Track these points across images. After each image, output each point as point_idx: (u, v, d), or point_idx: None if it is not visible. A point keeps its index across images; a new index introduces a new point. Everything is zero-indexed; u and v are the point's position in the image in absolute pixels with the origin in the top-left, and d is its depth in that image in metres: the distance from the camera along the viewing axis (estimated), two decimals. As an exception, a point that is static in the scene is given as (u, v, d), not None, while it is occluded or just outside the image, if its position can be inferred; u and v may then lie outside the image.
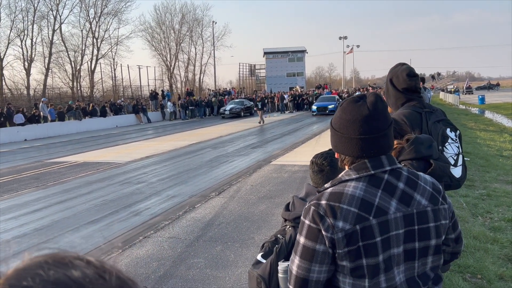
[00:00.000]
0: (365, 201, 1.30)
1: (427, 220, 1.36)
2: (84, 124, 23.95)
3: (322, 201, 1.33)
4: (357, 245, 1.29)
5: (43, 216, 6.41)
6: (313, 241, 1.32)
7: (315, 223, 1.32)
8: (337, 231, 1.29)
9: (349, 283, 1.33)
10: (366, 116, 1.33)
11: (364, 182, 1.33)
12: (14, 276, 0.43)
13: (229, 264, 4.43)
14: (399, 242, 1.32)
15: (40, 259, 0.45)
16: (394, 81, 2.50)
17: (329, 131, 1.49)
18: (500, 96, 46.01)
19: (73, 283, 0.43)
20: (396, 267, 1.33)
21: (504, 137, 13.50)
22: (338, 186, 1.36)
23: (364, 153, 1.34)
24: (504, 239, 4.39)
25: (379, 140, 1.34)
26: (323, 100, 30.04)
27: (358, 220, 1.29)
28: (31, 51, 37.28)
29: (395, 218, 1.32)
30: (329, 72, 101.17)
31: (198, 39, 53.64)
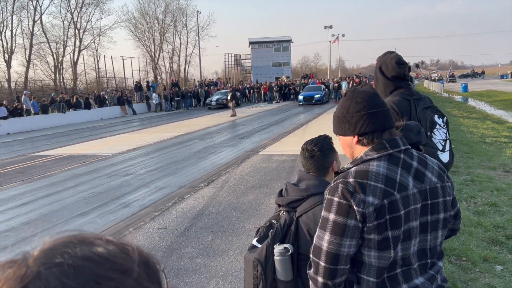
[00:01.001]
0: (389, 178, 1.42)
1: (437, 196, 1.50)
2: (68, 116, 23.59)
3: (350, 179, 1.43)
4: (384, 218, 1.40)
5: (31, 210, 6.35)
6: (344, 217, 1.41)
7: (346, 199, 1.41)
8: (368, 205, 1.39)
9: (374, 256, 1.43)
10: (373, 93, 1.54)
11: (385, 161, 1.46)
12: (43, 256, 0.45)
13: (220, 253, 4.47)
14: (416, 216, 1.45)
15: (64, 239, 0.48)
16: (383, 69, 2.54)
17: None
18: (482, 84, 46.79)
19: (99, 257, 0.45)
20: (413, 239, 1.46)
21: (486, 124, 13.78)
22: (361, 165, 1.47)
23: (382, 125, 1.50)
24: (487, 222, 4.51)
25: (388, 113, 1.53)
26: (309, 90, 30.11)
27: (385, 195, 1.40)
28: (11, 43, 36.44)
29: (413, 194, 1.44)
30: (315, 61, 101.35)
31: (183, 29, 53.11)
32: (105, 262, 0.45)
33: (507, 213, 4.83)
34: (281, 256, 1.91)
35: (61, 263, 0.44)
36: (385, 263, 1.43)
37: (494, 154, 8.38)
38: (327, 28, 57.83)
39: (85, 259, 0.45)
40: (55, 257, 0.44)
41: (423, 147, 2.02)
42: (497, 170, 7.11)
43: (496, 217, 4.69)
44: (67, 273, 0.43)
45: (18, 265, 0.44)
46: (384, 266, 1.44)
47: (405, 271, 1.46)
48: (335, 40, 57.69)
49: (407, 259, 1.46)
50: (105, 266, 0.45)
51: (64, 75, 40.83)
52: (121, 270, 0.45)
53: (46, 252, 0.46)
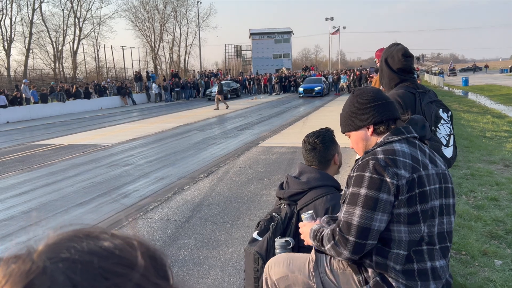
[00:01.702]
0: (413, 156, 1.50)
1: (447, 181, 1.59)
2: (68, 106, 23.52)
3: (380, 156, 1.48)
4: (414, 191, 1.45)
5: (30, 199, 6.34)
6: (377, 190, 1.43)
7: (378, 173, 1.44)
8: (401, 178, 1.44)
9: (405, 231, 1.46)
10: (378, 90, 1.67)
11: (405, 143, 1.54)
12: (49, 250, 0.44)
13: (220, 244, 4.47)
14: (436, 196, 1.51)
15: (69, 233, 0.46)
16: (389, 61, 2.51)
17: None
18: (483, 78, 46.69)
19: (105, 252, 0.44)
20: (436, 218, 1.51)
21: (487, 118, 13.76)
22: (385, 146, 1.54)
23: (394, 113, 1.60)
24: (487, 217, 4.52)
25: (394, 105, 1.65)
26: (310, 82, 30.00)
27: (414, 170, 1.46)
28: (11, 31, 36.21)
29: (432, 174, 1.51)
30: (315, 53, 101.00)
31: (183, 19, 52.78)
32: (112, 256, 0.44)
33: (507, 207, 4.83)
34: (282, 250, 1.91)
35: (68, 258, 0.42)
36: (415, 236, 1.47)
37: (494, 149, 8.38)
38: (328, 20, 57.46)
39: (92, 254, 0.43)
40: (61, 251, 0.43)
41: (427, 141, 2.01)
42: (497, 164, 7.10)
43: (496, 212, 4.69)
44: (74, 268, 0.42)
45: (23, 260, 0.42)
46: (415, 239, 1.47)
47: (429, 249, 1.51)
48: (335, 32, 57.36)
49: (432, 238, 1.50)
50: (112, 260, 0.44)
51: (63, 64, 40.71)
52: (128, 265, 0.44)
53: (51, 246, 0.44)
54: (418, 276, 1.46)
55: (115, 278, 0.42)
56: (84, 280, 0.41)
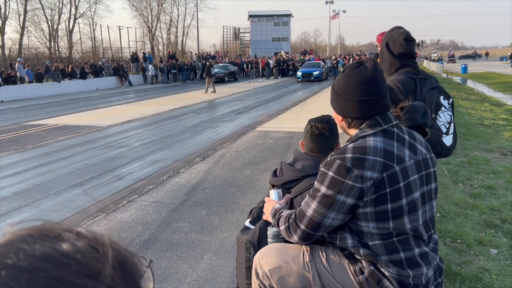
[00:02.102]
0: (387, 151, 1.43)
1: (429, 166, 1.55)
2: (63, 86, 23.25)
3: (348, 155, 1.43)
4: (384, 191, 1.41)
5: (23, 180, 6.28)
6: (335, 192, 1.42)
7: (341, 175, 1.41)
8: (366, 180, 1.39)
9: (373, 226, 1.45)
10: (370, 78, 1.45)
11: (380, 136, 1.46)
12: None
13: (214, 228, 4.44)
14: (416, 187, 1.47)
15: (23, 232, 0.39)
16: (390, 45, 2.43)
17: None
18: (482, 66, 46.53)
19: (62, 257, 0.37)
20: (418, 210, 1.49)
21: (485, 106, 13.72)
22: (358, 141, 1.46)
23: (372, 113, 1.47)
24: (483, 205, 4.50)
25: (382, 100, 1.48)
26: (308, 66, 29.76)
27: (385, 168, 1.41)
28: (5, 8, 35.47)
29: (410, 165, 1.46)
30: (315, 37, 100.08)
31: (181, 0, 51.91)
32: (69, 263, 0.37)
33: (503, 196, 4.82)
34: (274, 239, 1.86)
35: (13, 264, 0.36)
36: (384, 232, 1.46)
37: (492, 137, 8.35)
38: (328, 3, 56.71)
39: (44, 260, 0.36)
40: (8, 256, 0.36)
41: (428, 129, 1.95)
42: (494, 152, 7.08)
43: (492, 200, 4.68)
44: (18, 277, 0.35)
45: None
46: (385, 233, 1.46)
47: (416, 239, 1.50)
48: (335, 16, 56.71)
49: (417, 231, 1.48)
50: (69, 268, 0.37)
51: (59, 43, 40.13)
52: (90, 274, 0.37)
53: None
54: (408, 265, 1.47)
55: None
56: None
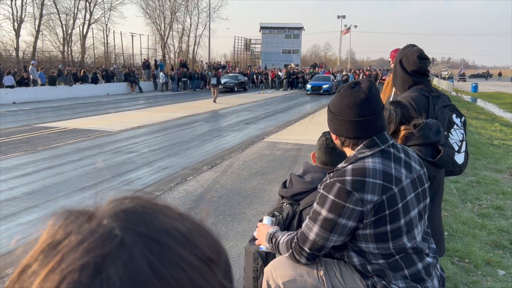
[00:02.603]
0: (386, 173, 1.44)
1: (423, 182, 1.57)
2: (75, 90, 23.53)
3: (347, 177, 1.43)
4: (384, 213, 1.42)
5: (33, 181, 6.35)
6: (336, 215, 1.43)
7: (341, 199, 1.41)
8: (366, 203, 1.40)
9: (373, 247, 1.47)
10: (364, 100, 1.46)
11: (378, 157, 1.47)
12: (124, 218, 0.37)
13: (220, 237, 4.38)
14: (414, 205, 1.49)
15: (141, 202, 0.40)
16: (404, 62, 2.46)
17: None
18: (492, 86, 46.31)
19: (183, 237, 0.37)
20: (416, 228, 1.50)
21: (495, 126, 13.64)
22: (357, 163, 1.46)
23: (364, 134, 1.47)
24: (491, 225, 4.47)
25: (376, 121, 1.47)
26: (318, 79, 29.85)
27: (384, 190, 1.41)
28: (21, 12, 36.14)
29: (407, 185, 1.47)
30: (325, 51, 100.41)
31: (194, 9, 52.54)
32: (188, 244, 0.37)
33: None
34: None
35: (145, 233, 0.36)
36: (386, 252, 1.47)
37: (501, 157, 8.29)
38: (340, 18, 57.04)
39: (169, 235, 0.37)
40: (138, 224, 0.36)
41: (441, 147, 1.96)
42: (503, 173, 7.03)
43: (501, 221, 4.64)
44: (152, 248, 0.35)
45: (98, 223, 0.36)
46: (387, 253, 1.47)
47: (418, 254, 1.52)
48: (346, 30, 56.94)
49: (417, 248, 1.50)
50: (188, 249, 0.37)
51: (72, 47, 40.68)
52: (205, 260, 0.37)
53: (126, 214, 0.37)
54: (413, 280, 1.49)
55: (192, 272, 0.36)
56: (162, 265, 0.34)
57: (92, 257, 0.33)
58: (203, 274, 0.36)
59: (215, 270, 0.38)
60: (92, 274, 0.32)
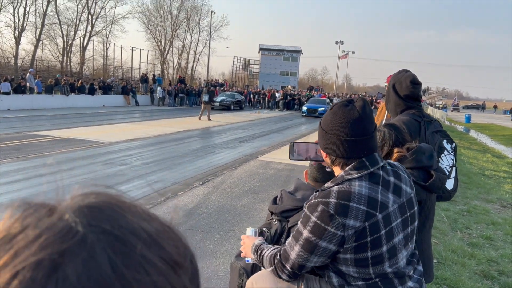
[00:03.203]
0: (371, 198, 1.39)
1: (413, 205, 1.53)
2: (71, 99, 23.51)
3: (332, 199, 1.39)
4: (365, 240, 1.38)
5: (21, 188, 6.26)
6: (317, 237, 1.40)
7: (323, 222, 1.39)
8: (348, 228, 1.37)
9: (353, 271, 1.44)
10: (356, 119, 1.42)
11: (366, 180, 1.42)
12: (89, 214, 0.35)
13: (208, 254, 4.39)
14: (399, 231, 1.45)
15: (108, 198, 0.38)
16: (397, 87, 2.49)
17: (318, 133, 1.56)
18: (485, 117, 46.94)
19: (150, 239, 0.35)
20: (400, 253, 1.46)
21: (486, 157, 13.75)
22: (343, 185, 1.42)
23: (355, 154, 1.43)
24: (481, 255, 4.45)
25: (368, 141, 1.43)
26: (314, 102, 30.13)
27: (367, 217, 1.38)
28: (23, 20, 36.33)
29: (393, 210, 1.43)
30: (322, 75, 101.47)
31: (195, 28, 53.16)
32: (154, 245, 0.35)
33: (501, 248, 4.77)
34: None
35: (110, 231, 0.34)
36: (366, 276, 1.44)
37: (493, 188, 8.33)
38: (338, 43, 57.96)
39: (135, 235, 0.34)
40: (102, 220, 0.34)
41: (434, 172, 1.96)
42: (494, 203, 7.05)
43: (490, 251, 4.62)
44: (116, 247, 0.33)
45: (58, 217, 0.34)
46: (367, 277, 1.44)
47: (399, 278, 1.48)
48: (344, 56, 57.80)
49: (399, 272, 1.46)
50: (155, 251, 0.35)
51: (71, 58, 40.77)
52: (171, 263, 0.35)
53: (90, 209, 0.36)
54: None
55: (157, 275, 0.34)
56: (125, 266, 0.32)
57: (49, 253, 0.31)
58: (168, 277, 0.35)
59: (181, 274, 0.36)
60: (47, 272, 0.30)
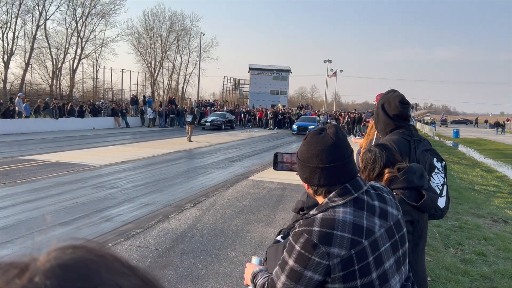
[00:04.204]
0: (356, 225, 1.37)
1: (401, 227, 1.50)
2: (60, 123, 23.35)
3: (315, 228, 1.37)
4: (353, 268, 1.35)
5: (9, 215, 6.14)
6: (302, 267, 1.37)
7: (307, 251, 1.36)
8: (333, 257, 1.34)
9: None
10: (331, 145, 1.42)
11: (350, 207, 1.40)
12: (60, 274, 0.34)
13: (200, 278, 4.31)
14: (389, 255, 1.42)
15: (82, 254, 0.36)
16: (386, 107, 2.52)
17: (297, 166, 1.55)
18: (473, 132, 47.58)
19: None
20: (392, 279, 1.42)
21: (476, 172, 13.88)
22: (327, 212, 1.40)
23: (337, 180, 1.43)
24: (474, 272, 4.44)
25: (346, 166, 1.44)
26: (304, 120, 30.35)
27: (352, 245, 1.35)
28: (12, 45, 36.38)
29: (380, 235, 1.41)
30: (311, 93, 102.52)
31: (185, 49, 53.68)
32: None
33: (494, 263, 4.76)
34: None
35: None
36: None
37: (483, 202, 8.38)
38: (326, 62, 58.87)
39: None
40: (75, 281, 0.33)
41: (425, 191, 1.97)
42: (485, 218, 7.08)
43: (483, 267, 4.62)
44: None
45: (28, 279, 0.33)
46: None
47: None
48: (332, 74, 58.63)
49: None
50: None
51: (61, 81, 40.73)
52: None
53: (63, 269, 0.34)
54: None
55: None
56: None
57: None
58: None
59: None
60: None
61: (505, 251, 5.22)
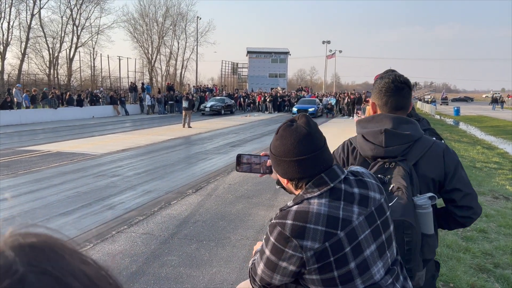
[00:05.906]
0: (331, 217, 1.35)
1: (384, 211, 1.46)
2: (59, 112, 23.31)
3: (288, 221, 1.36)
4: (328, 260, 1.34)
5: (12, 206, 6.18)
6: (277, 258, 1.38)
7: (281, 244, 1.36)
8: (306, 250, 1.32)
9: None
10: (305, 135, 1.40)
11: (326, 198, 1.38)
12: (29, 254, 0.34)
13: (204, 263, 4.36)
14: (369, 242, 1.39)
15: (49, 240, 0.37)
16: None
17: (272, 163, 1.54)
18: (474, 109, 47.43)
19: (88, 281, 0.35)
20: (374, 266, 1.40)
21: (477, 149, 13.88)
22: (302, 204, 1.38)
23: (315, 170, 1.40)
24: (476, 249, 4.47)
25: (322, 154, 1.41)
26: (304, 103, 30.22)
27: (326, 237, 1.33)
28: (7, 35, 36.02)
29: (359, 223, 1.38)
30: (311, 75, 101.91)
31: (182, 34, 53.10)
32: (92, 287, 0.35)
33: (495, 240, 4.80)
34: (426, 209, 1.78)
35: (50, 272, 0.33)
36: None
37: (484, 180, 8.40)
38: (325, 43, 58.27)
39: (75, 278, 0.34)
40: (43, 261, 0.34)
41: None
42: (486, 195, 7.10)
43: (485, 244, 4.65)
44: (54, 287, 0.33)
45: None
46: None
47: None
48: (331, 55, 58.11)
49: (375, 285, 1.41)
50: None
51: (58, 71, 40.48)
52: None
53: (32, 249, 0.35)
54: None
55: None
56: None
57: None
58: None
59: None
60: None
61: (506, 227, 5.25)
